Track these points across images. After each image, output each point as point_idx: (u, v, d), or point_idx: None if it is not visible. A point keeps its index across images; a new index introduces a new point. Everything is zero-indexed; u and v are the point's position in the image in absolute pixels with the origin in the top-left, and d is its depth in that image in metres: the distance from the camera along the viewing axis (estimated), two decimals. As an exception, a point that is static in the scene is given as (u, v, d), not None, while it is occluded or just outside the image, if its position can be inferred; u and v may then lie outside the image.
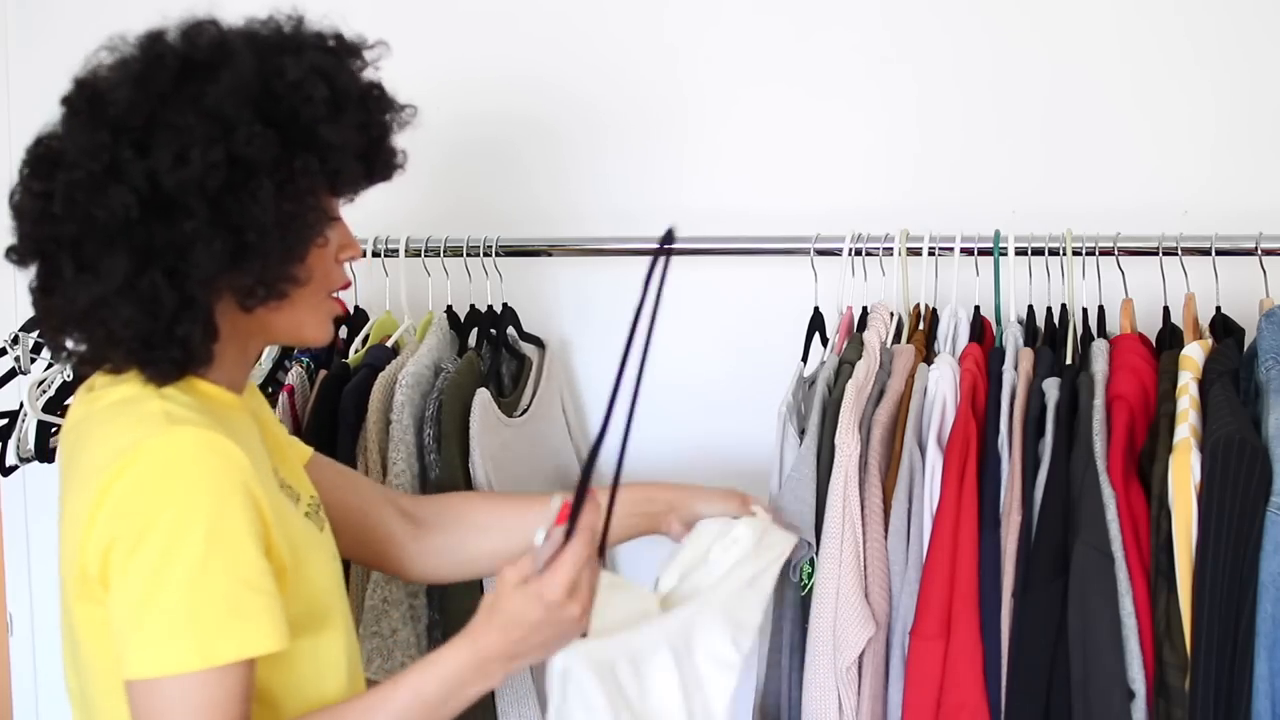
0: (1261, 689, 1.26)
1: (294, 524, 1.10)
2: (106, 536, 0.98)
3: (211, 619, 0.98)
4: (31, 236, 1.05)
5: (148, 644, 0.97)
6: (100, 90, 1.03)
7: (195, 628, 0.97)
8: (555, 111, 1.94)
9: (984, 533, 1.41)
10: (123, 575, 0.98)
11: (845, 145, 1.85)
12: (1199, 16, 1.71)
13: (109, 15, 1.95)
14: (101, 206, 0.99)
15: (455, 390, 1.60)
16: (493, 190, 1.98)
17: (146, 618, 0.97)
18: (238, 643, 0.99)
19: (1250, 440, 1.27)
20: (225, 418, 1.07)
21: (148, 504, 0.98)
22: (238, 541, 0.99)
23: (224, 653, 0.98)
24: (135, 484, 0.98)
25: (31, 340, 1.76)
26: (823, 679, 1.43)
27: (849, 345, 1.59)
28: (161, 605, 0.97)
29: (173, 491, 0.98)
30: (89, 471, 1.02)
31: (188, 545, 0.97)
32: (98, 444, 1.04)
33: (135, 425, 1.02)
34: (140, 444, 0.99)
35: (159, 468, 0.99)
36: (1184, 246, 1.55)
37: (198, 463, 0.99)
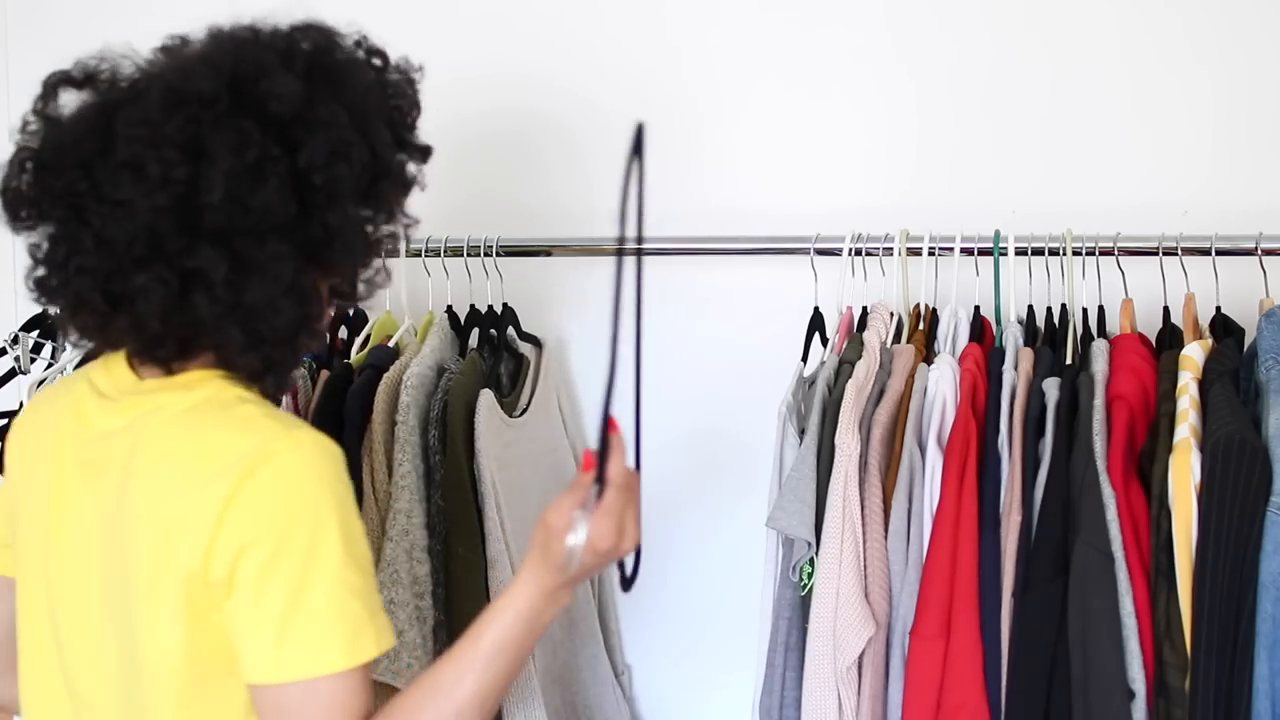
0: (1261, 689, 1.26)
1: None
2: (239, 540, 0.99)
3: (354, 618, 1.00)
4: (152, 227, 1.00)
5: (299, 646, 0.99)
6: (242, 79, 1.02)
7: (342, 628, 0.99)
8: (556, 112, 1.94)
9: (984, 533, 1.41)
10: (262, 581, 0.99)
11: (845, 145, 1.85)
12: (1198, 16, 1.71)
13: (109, 15, 1.96)
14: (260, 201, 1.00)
15: (459, 391, 1.60)
16: (493, 190, 1.98)
17: (296, 620, 0.98)
18: (375, 639, 1.02)
19: (1250, 440, 1.27)
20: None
21: (287, 508, 0.99)
22: (362, 540, 1.04)
23: (366, 650, 1.01)
24: (269, 488, 0.99)
25: (31, 340, 1.76)
26: (823, 679, 1.43)
27: (849, 345, 1.59)
28: (311, 608, 0.98)
29: (309, 495, 1.00)
30: (199, 477, 1.01)
31: (329, 547, 0.99)
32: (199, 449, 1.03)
33: (247, 428, 1.03)
34: (267, 447, 1.01)
35: (293, 472, 1.00)
36: (1184, 246, 1.55)
37: (325, 466, 1.02)
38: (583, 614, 1.83)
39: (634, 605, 2.01)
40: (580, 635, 1.82)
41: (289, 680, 0.99)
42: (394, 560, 1.50)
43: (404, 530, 1.51)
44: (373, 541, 1.53)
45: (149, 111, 0.99)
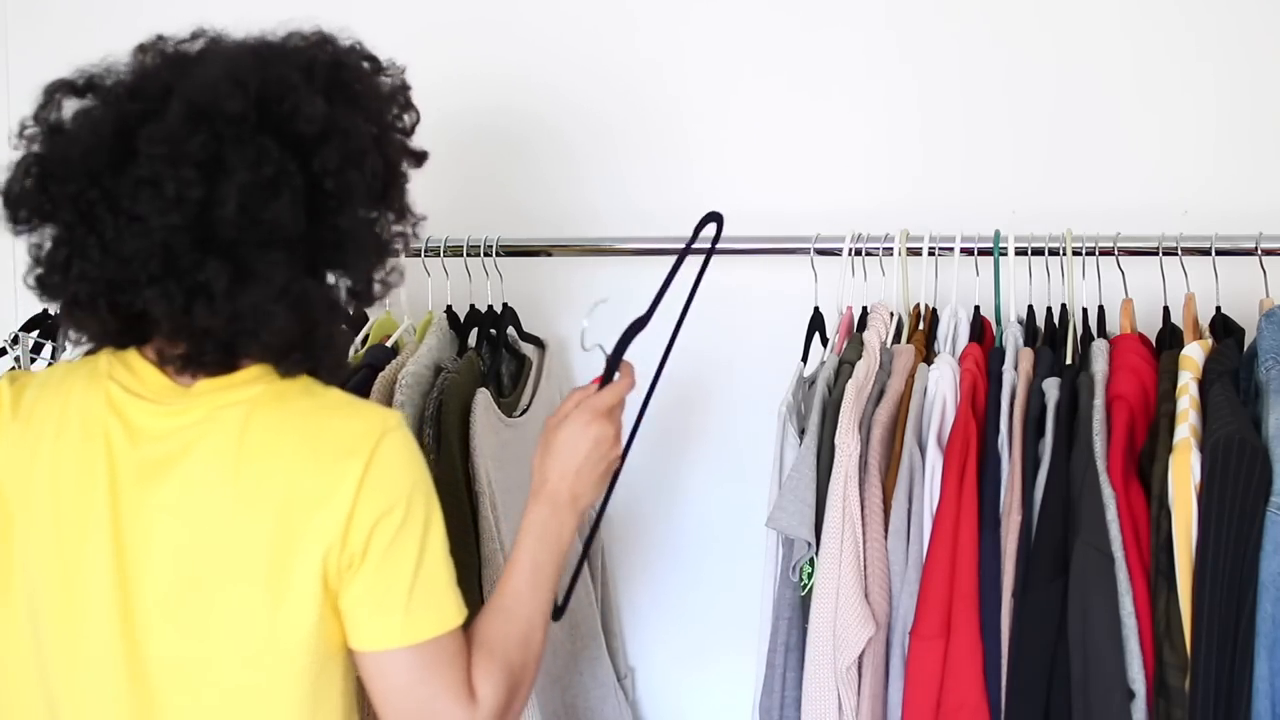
0: (1261, 689, 1.26)
1: None
2: (375, 512, 1.07)
3: (454, 578, 1.12)
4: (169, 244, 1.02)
5: (424, 608, 1.09)
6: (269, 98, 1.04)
7: (453, 588, 1.12)
8: (556, 112, 1.94)
9: (984, 533, 1.41)
10: (392, 549, 1.08)
11: (845, 145, 1.85)
12: (1199, 15, 1.71)
13: (109, 14, 1.96)
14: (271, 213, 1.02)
15: (455, 390, 1.60)
16: (493, 190, 1.98)
17: (421, 584, 1.08)
18: (458, 604, 1.13)
19: (1250, 440, 1.27)
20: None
21: (406, 480, 1.09)
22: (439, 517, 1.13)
23: (463, 607, 1.12)
24: (394, 461, 1.09)
25: (31, 340, 1.76)
26: (823, 679, 1.43)
27: (849, 345, 1.59)
28: (431, 571, 1.09)
29: (419, 468, 1.12)
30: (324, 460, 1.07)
31: (435, 514, 1.11)
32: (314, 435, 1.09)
33: (352, 408, 1.13)
34: (384, 424, 1.10)
35: (407, 445, 1.11)
36: (1184, 246, 1.55)
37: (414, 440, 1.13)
38: (584, 615, 1.82)
39: (635, 606, 2.01)
40: (582, 637, 1.81)
41: (421, 640, 1.08)
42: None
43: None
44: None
45: (172, 129, 1.00)
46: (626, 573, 2.01)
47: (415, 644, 1.08)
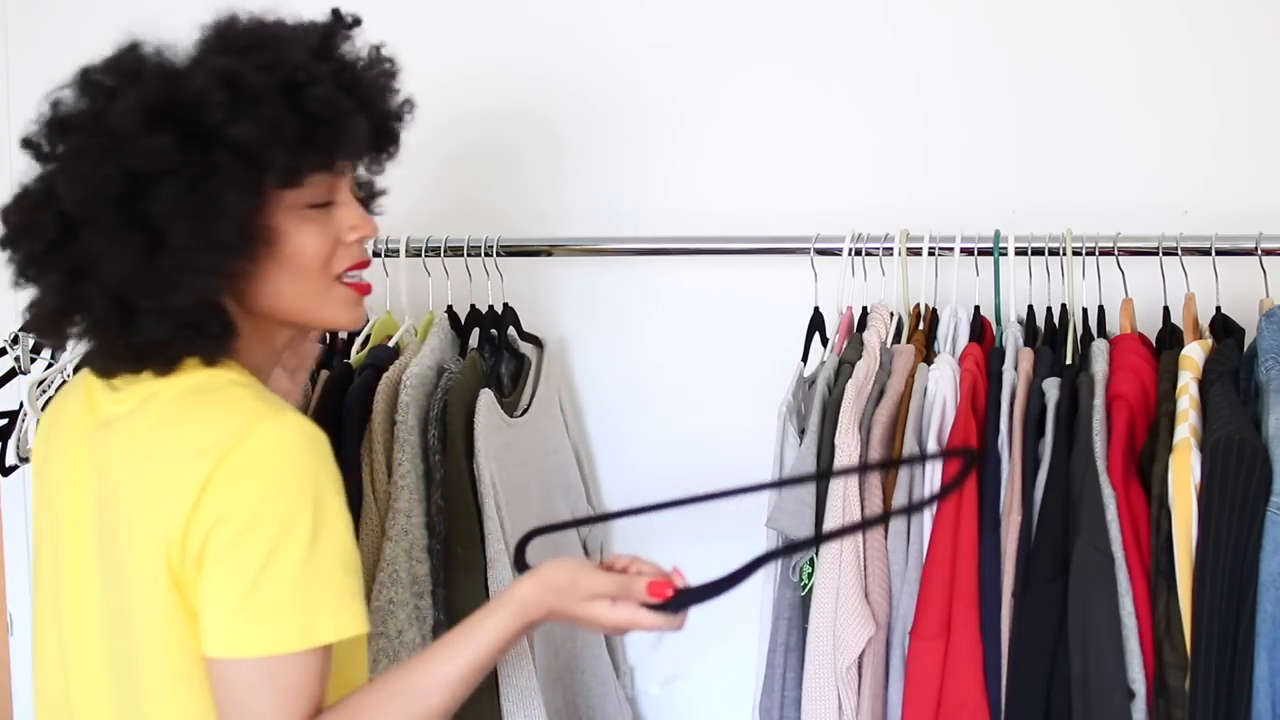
0: (1261, 689, 1.26)
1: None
2: (214, 514, 1.01)
3: (317, 601, 1.02)
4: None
5: (255, 622, 1.00)
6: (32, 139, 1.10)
7: (302, 609, 1.01)
8: (556, 112, 1.94)
9: (984, 533, 1.41)
10: (228, 555, 1.01)
11: (846, 145, 1.85)
12: (1200, 16, 1.71)
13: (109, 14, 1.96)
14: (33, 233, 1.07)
15: (459, 391, 1.60)
16: (493, 190, 1.98)
17: (255, 597, 1.00)
18: (337, 624, 1.03)
19: (1250, 440, 1.27)
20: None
21: (262, 487, 1.02)
22: (337, 525, 1.05)
23: (325, 633, 1.02)
24: (248, 466, 1.02)
25: (31, 340, 1.76)
26: (823, 679, 1.43)
27: (849, 345, 1.59)
28: (272, 586, 1.00)
29: (286, 476, 1.03)
30: (183, 456, 1.03)
31: (299, 529, 1.01)
32: (186, 430, 1.06)
33: (234, 409, 1.06)
34: (252, 426, 1.03)
35: (273, 452, 1.03)
36: (1184, 246, 1.55)
37: (307, 448, 1.04)
38: (583, 614, 1.83)
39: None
40: (582, 636, 1.82)
41: (243, 655, 1.00)
42: (393, 560, 1.50)
43: (403, 530, 1.51)
44: (372, 541, 1.54)
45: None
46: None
47: (237, 658, 1.01)
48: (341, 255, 1.15)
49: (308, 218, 1.13)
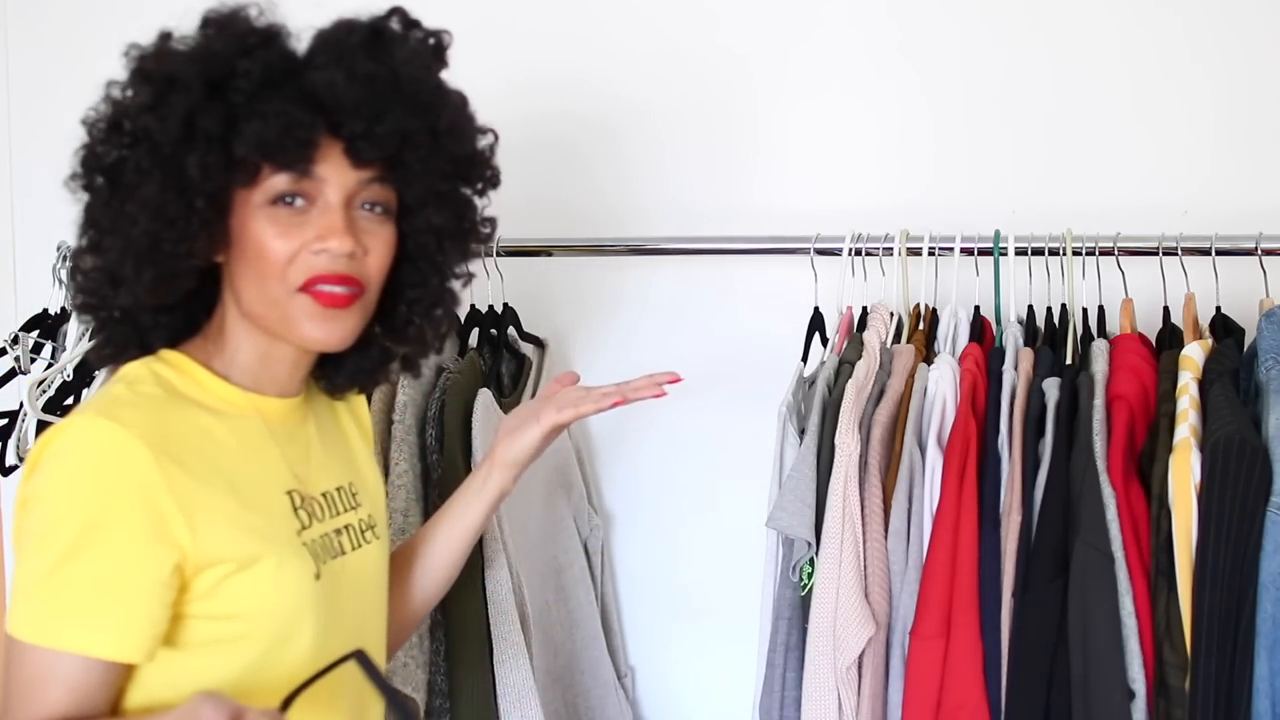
0: (1261, 689, 1.26)
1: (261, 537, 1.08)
2: (23, 494, 1.04)
3: (63, 605, 1.00)
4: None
5: (15, 602, 1.02)
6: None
7: (47, 606, 1.00)
8: (555, 112, 1.94)
9: (984, 533, 1.41)
10: (18, 534, 1.04)
11: (846, 145, 1.85)
12: (1198, 17, 1.71)
13: (109, 13, 1.96)
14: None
15: (457, 390, 1.60)
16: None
17: (19, 579, 1.02)
18: (81, 637, 1.00)
19: (1250, 440, 1.27)
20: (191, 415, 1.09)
21: (48, 479, 1.02)
22: (109, 543, 1.01)
23: (66, 640, 1.00)
24: (50, 457, 1.03)
25: (31, 340, 1.75)
26: (823, 679, 1.43)
27: (849, 345, 1.59)
28: (29, 573, 1.01)
29: (66, 477, 1.01)
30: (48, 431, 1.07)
31: (61, 531, 1.00)
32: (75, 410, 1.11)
33: (91, 403, 1.07)
34: (66, 423, 1.03)
35: (61, 454, 1.02)
36: (1184, 246, 1.55)
37: (97, 459, 1.01)
38: (585, 615, 1.82)
39: (635, 606, 2.01)
40: (582, 637, 1.81)
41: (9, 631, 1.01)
42: (392, 560, 1.50)
43: (400, 530, 1.51)
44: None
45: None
46: (626, 572, 2.01)
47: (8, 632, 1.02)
48: (300, 264, 1.08)
49: (273, 218, 1.07)
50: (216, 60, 1.05)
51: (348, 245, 1.08)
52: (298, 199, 1.08)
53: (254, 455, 1.12)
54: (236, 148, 1.04)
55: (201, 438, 1.08)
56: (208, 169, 1.04)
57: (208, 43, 1.07)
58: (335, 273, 1.09)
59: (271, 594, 1.08)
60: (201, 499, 1.04)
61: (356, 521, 1.20)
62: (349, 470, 1.25)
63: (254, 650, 1.08)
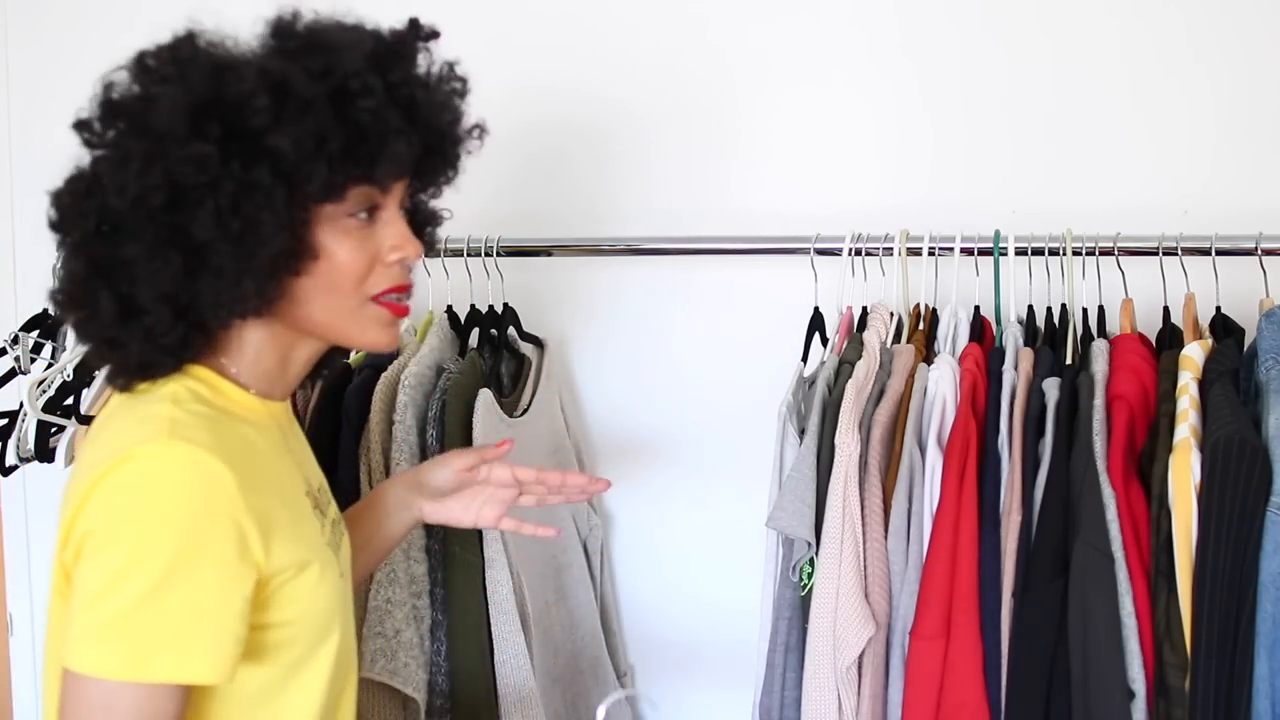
0: (1261, 689, 1.26)
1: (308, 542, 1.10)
2: (87, 526, 0.99)
3: (154, 636, 0.98)
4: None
5: (89, 640, 0.97)
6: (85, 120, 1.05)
7: (135, 640, 0.97)
8: (555, 113, 1.94)
9: (984, 533, 1.41)
10: (84, 570, 0.99)
11: (846, 145, 1.85)
12: (1199, 17, 1.71)
13: (108, 13, 1.96)
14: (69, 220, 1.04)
15: (458, 391, 1.60)
16: (493, 191, 1.97)
17: (95, 615, 0.98)
18: (173, 666, 0.99)
19: (1250, 440, 1.27)
20: (237, 429, 1.07)
21: (128, 508, 0.98)
22: (203, 570, 0.99)
23: (156, 672, 0.98)
24: (122, 486, 0.98)
25: (31, 340, 1.75)
26: (823, 679, 1.43)
27: (849, 345, 1.59)
28: (111, 608, 0.97)
29: (152, 505, 0.98)
30: (91, 463, 1.02)
31: (151, 562, 0.97)
32: (106, 437, 1.04)
33: (138, 425, 1.02)
34: (136, 447, 0.99)
35: (146, 477, 0.99)
36: (1184, 246, 1.55)
37: (183, 483, 0.99)
38: (585, 615, 1.83)
39: (635, 606, 2.01)
40: (582, 636, 1.82)
41: (71, 669, 0.98)
42: (390, 559, 1.50)
43: (403, 530, 1.51)
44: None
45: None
46: (626, 572, 2.01)
47: (70, 671, 0.98)
48: (379, 275, 1.10)
49: (347, 231, 1.07)
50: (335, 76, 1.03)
51: (421, 251, 1.13)
52: (363, 212, 1.09)
53: (280, 461, 1.12)
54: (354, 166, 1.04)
55: (251, 451, 1.07)
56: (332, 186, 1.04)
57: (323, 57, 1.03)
58: (407, 282, 1.13)
59: (318, 597, 1.09)
60: (270, 514, 1.04)
61: (336, 516, 1.22)
62: (317, 468, 1.26)
63: (295, 653, 1.09)
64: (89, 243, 1.03)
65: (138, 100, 1.02)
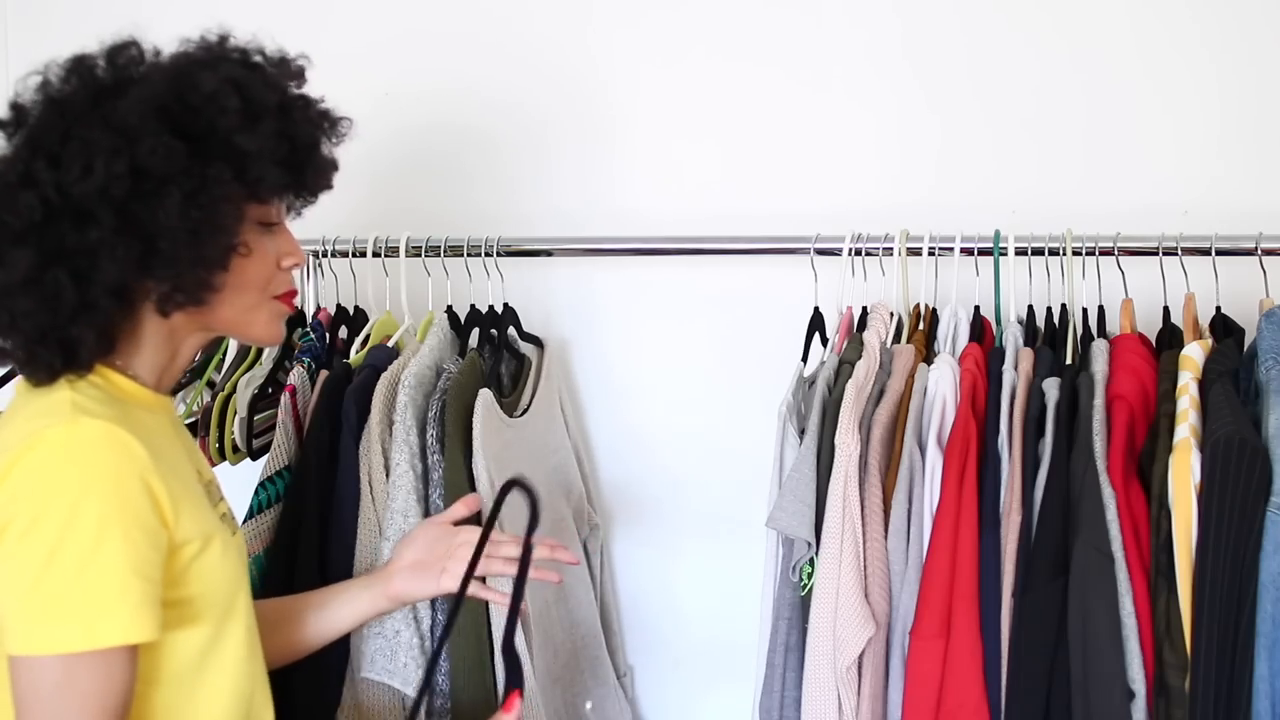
0: (1261, 689, 1.26)
1: (208, 520, 1.14)
2: (4, 515, 1.01)
3: (98, 602, 1.01)
4: None
5: (35, 621, 1.00)
6: (25, 109, 1.10)
7: (82, 610, 1.01)
8: (555, 113, 1.94)
9: (984, 533, 1.41)
10: (14, 554, 1.01)
11: (846, 145, 1.85)
12: (1199, 16, 1.71)
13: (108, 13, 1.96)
14: (9, 210, 1.05)
15: (458, 391, 1.60)
16: (493, 190, 1.98)
17: (36, 596, 1.00)
18: (121, 627, 1.02)
19: (1250, 440, 1.27)
20: (135, 414, 1.11)
21: (46, 489, 1.01)
22: (128, 531, 1.03)
23: (108, 636, 1.01)
24: (35, 469, 1.02)
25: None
26: (823, 679, 1.43)
27: (849, 345, 1.59)
28: (51, 586, 1.00)
29: (71, 479, 1.02)
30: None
31: (81, 530, 1.01)
32: (9, 428, 1.07)
33: (42, 413, 1.06)
34: (44, 431, 1.03)
35: (60, 455, 1.02)
36: (1184, 247, 1.55)
37: (97, 453, 1.03)
38: (584, 615, 1.83)
39: (635, 606, 2.01)
40: (582, 636, 1.82)
41: (27, 653, 1.00)
42: (392, 560, 1.50)
43: (400, 530, 1.51)
44: (370, 541, 1.54)
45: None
46: (626, 572, 2.01)
47: (19, 656, 1.01)
48: (279, 279, 1.21)
49: (260, 234, 1.17)
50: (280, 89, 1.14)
51: (304, 261, 1.24)
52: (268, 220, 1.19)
53: (174, 448, 1.17)
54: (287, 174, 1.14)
55: (149, 432, 1.11)
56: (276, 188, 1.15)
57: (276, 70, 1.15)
58: (293, 289, 1.25)
59: (220, 572, 1.14)
60: (173, 485, 1.08)
61: (228, 510, 1.25)
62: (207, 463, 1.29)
63: (204, 633, 1.13)
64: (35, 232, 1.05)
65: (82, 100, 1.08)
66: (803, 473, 1.47)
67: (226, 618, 1.16)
